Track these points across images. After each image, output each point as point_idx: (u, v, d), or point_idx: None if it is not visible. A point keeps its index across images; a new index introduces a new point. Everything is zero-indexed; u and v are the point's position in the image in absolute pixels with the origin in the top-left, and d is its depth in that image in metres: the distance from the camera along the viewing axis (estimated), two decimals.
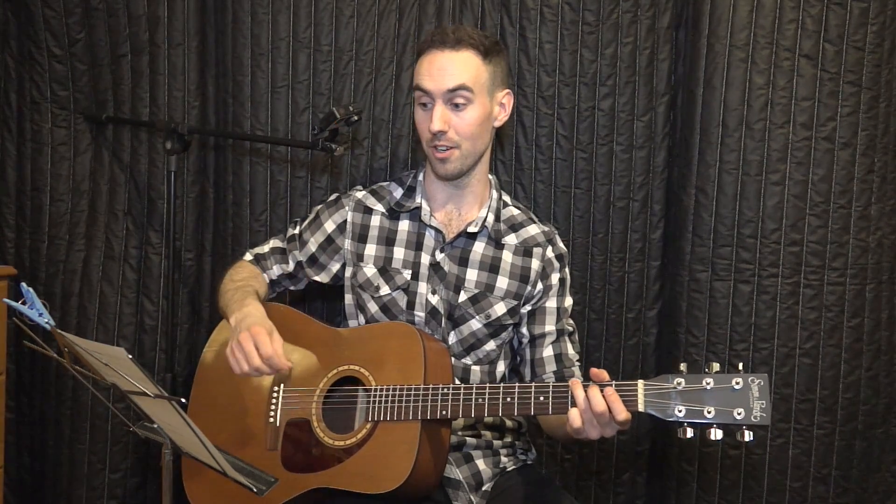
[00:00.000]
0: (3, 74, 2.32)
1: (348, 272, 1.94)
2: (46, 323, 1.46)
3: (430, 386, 1.64)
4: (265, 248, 2.00)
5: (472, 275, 1.87)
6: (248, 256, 2.00)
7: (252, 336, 1.66)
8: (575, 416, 1.50)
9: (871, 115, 2.16)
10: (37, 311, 1.47)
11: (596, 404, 1.48)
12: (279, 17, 2.19)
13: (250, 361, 1.65)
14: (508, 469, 1.89)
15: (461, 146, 1.80)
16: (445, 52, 1.78)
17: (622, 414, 1.48)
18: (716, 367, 1.48)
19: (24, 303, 1.47)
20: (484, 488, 1.83)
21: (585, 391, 1.50)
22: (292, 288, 2.05)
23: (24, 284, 1.49)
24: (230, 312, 1.78)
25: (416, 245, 1.89)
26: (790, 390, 2.18)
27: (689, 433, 1.47)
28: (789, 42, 2.14)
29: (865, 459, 2.22)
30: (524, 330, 1.89)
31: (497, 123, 1.87)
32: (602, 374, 1.53)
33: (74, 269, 2.31)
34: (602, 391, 1.49)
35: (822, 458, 2.18)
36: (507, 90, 1.88)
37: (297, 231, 1.98)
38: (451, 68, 1.77)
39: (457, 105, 1.78)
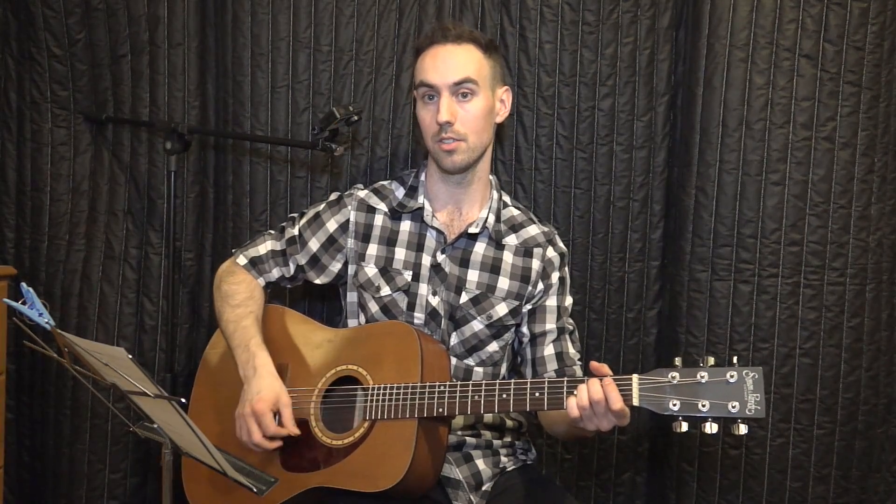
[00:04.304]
0: (3, 74, 2.32)
1: (351, 270, 1.94)
2: (46, 323, 1.46)
3: (427, 384, 1.65)
4: (261, 251, 1.94)
5: (472, 276, 1.87)
6: (242, 261, 1.94)
7: (256, 416, 1.70)
8: (572, 407, 1.52)
9: (871, 115, 2.16)
10: (37, 311, 1.47)
11: (594, 392, 1.49)
12: (279, 17, 2.19)
13: (251, 437, 1.70)
14: (508, 469, 1.89)
15: (468, 139, 1.80)
16: (448, 46, 1.80)
17: (617, 403, 1.48)
18: (711, 360, 1.49)
19: (24, 303, 1.47)
20: (484, 488, 1.83)
21: (586, 383, 1.51)
22: (289, 286, 2.05)
23: (24, 284, 1.49)
24: (235, 355, 1.80)
25: (418, 246, 1.89)
26: (790, 390, 2.18)
27: (684, 427, 1.48)
28: (789, 42, 2.14)
29: (865, 459, 2.22)
30: (524, 329, 1.89)
31: (498, 119, 1.88)
32: (603, 367, 1.53)
33: (74, 269, 2.31)
34: (601, 381, 1.51)
35: (822, 458, 2.18)
36: (507, 87, 1.89)
37: (295, 231, 1.95)
38: (456, 61, 1.78)
39: (463, 96, 1.79)
